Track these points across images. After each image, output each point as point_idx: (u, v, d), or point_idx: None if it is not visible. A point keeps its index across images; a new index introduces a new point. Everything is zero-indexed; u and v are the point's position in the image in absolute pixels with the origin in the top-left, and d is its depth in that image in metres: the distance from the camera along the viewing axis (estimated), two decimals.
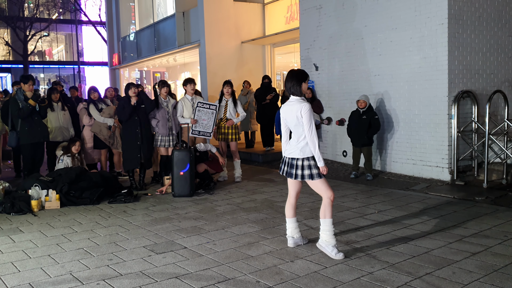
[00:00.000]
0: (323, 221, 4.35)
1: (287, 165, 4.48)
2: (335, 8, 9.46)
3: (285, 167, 4.50)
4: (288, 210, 4.65)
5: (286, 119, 4.49)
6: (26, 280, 3.92)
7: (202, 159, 7.56)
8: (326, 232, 4.34)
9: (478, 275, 3.84)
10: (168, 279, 3.88)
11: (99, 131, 8.24)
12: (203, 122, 7.87)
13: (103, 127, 8.24)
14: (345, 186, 7.66)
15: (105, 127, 8.24)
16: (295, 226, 4.66)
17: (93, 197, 6.71)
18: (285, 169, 4.50)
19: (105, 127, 8.24)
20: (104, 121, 8.25)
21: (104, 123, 8.25)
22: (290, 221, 4.65)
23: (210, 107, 7.87)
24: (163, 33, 16.94)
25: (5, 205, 6.26)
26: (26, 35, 31.51)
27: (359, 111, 8.24)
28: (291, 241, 4.64)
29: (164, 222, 5.69)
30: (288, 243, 4.65)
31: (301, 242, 4.68)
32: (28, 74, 8.23)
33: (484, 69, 7.92)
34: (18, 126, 7.57)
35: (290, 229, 4.66)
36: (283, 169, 4.54)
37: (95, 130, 8.27)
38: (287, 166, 4.47)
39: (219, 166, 7.71)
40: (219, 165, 7.69)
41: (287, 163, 4.47)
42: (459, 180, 7.46)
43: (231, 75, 12.74)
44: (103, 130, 8.23)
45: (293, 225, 4.64)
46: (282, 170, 4.57)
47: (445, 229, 5.12)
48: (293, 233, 4.66)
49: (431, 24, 7.60)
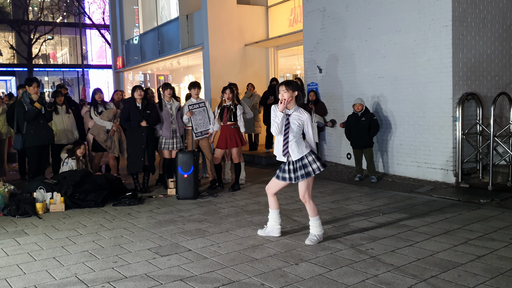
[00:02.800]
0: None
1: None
2: (338, 11, 9.46)
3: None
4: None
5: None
6: (31, 282, 3.93)
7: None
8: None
9: (484, 278, 3.82)
10: (172, 282, 3.88)
11: (97, 133, 8.20)
12: (200, 122, 7.88)
13: (101, 130, 8.20)
14: (350, 189, 7.65)
15: (103, 130, 8.21)
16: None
17: (98, 200, 6.72)
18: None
19: (103, 130, 8.22)
20: (102, 124, 8.22)
21: (102, 126, 8.25)
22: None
23: (199, 105, 7.89)
24: (167, 36, 16.98)
25: (10, 208, 6.29)
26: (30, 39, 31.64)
27: (357, 114, 8.26)
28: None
29: (169, 224, 5.70)
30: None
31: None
32: (33, 77, 8.25)
33: (488, 71, 7.90)
34: (24, 129, 7.60)
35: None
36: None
37: (93, 132, 8.24)
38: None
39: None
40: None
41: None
42: (464, 182, 7.44)
43: (234, 77, 12.75)
44: (100, 133, 8.19)
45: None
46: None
47: (450, 232, 5.10)
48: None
49: (435, 26, 7.60)
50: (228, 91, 7.68)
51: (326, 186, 7.94)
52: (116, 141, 8.29)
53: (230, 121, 7.65)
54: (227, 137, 7.64)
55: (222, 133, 7.79)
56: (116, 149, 8.31)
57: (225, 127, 7.68)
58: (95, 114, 8.28)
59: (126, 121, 7.56)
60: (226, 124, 7.66)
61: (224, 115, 7.66)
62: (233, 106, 7.69)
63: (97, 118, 8.25)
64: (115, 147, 8.30)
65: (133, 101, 7.59)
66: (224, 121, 7.66)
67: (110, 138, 8.22)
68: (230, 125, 7.65)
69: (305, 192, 4.79)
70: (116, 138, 8.29)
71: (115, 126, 8.23)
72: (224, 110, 7.69)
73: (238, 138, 7.70)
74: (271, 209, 5.07)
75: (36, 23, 31.97)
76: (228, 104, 7.69)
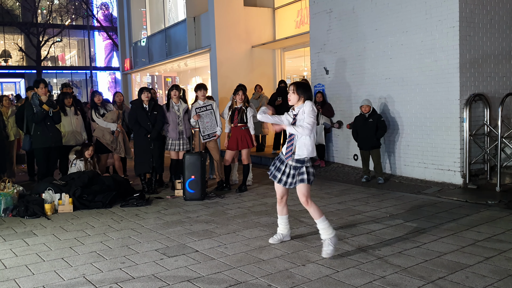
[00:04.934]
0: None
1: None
2: (345, 12, 9.46)
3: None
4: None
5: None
6: (40, 283, 3.97)
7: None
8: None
9: (492, 279, 3.80)
10: (180, 283, 3.90)
11: (102, 135, 8.24)
12: (207, 125, 7.90)
13: (105, 132, 8.24)
14: (357, 190, 7.64)
15: (108, 132, 8.26)
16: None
17: (106, 201, 6.77)
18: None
19: (108, 132, 8.27)
20: (107, 125, 8.26)
21: (107, 127, 8.28)
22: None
23: (206, 108, 7.90)
24: (174, 38, 17.05)
25: (19, 209, 6.35)
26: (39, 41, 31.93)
27: (364, 115, 8.25)
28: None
29: (176, 225, 5.72)
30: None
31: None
32: (40, 78, 8.32)
33: (496, 72, 7.86)
34: (32, 130, 7.68)
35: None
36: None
37: (98, 134, 8.28)
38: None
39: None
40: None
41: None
42: (471, 183, 7.40)
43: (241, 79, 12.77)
44: (105, 134, 8.23)
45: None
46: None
47: (458, 233, 5.08)
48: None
49: (442, 27, 7.57)
50: (241, 93, 7.71)
51: (333, 187, 7.94)
52: (121, 141, 8.34)
53: (240, 123, 7.68)
54: (238, 139, 7.67)
55: (233, 135, 7.80)
56: (122, 150, 8.36)
57: (236, 129, 7.71)
58: (96, 116, 8.32)
59: (135, 123, 7.62)
60: (237, 126, 7.69)
61: (235, 116, 7.69)
62: (244, 108, 7.73)
63: (100, 120, 8.29)
64: (120, 148, 8.35)
65: (140, 103, 7.65)
66: (235, 123, 7.69)
67: (115, 139, 8.29)
68: (241, 127, 7.68)
69: (305, 196, 4.56)
70: (121, 138, 8.35)
71: (118, 126, 8.29)
72: (235, 112, 7.73)
73: (248, 139, 7.72)
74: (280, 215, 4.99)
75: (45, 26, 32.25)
76: (239, 106, 7.72)
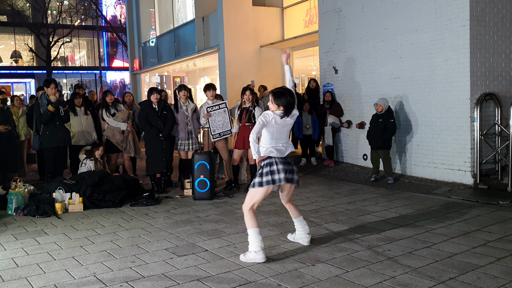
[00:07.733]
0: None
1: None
2: (354, 11, 9.43)
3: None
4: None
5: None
6: (51, 281, 4.00)
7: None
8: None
9: (504, 280, 3.77)
10: (189, 282, 3.91)
11: (112, 135, 8.28)
12: (219, 124, 7.90)
13: (116, 131, 8.28)
14: (366, 190, 7.61)
15: (118, 131, 8.30)
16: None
17: (116, 200, 6.80)
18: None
19: (118, 131, 8.31)
20: (117, 125, 8.30)
21: (117, 127, 8.32)
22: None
23: (219, 106, 7.88)
24: (183, 38, 17.11)
25: (30, 208, 6.40)
26: (49, 42, 32.17)
27: (377, 114, 8.21)
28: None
29: (185, 224, 5.74)
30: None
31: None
32: (50, 78, 8.38)
33: (507, 71, 7.79)
34: (41, 130, 7.74)
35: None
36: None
37: (108, 134, 8.32)
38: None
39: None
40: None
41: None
42: (482, 183, 7.34)
43: (250, 79, 12.79)
44: (116, 134, 8.27)
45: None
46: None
47: (469, 233, 5.05)
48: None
49: (453, 26, 7.52)
50: (248, 92, 7.70)
51: (342, 187, 7.91)
52: (131, 141, 8.38)
53: (248, 122, 7.68)
54: (245, 138, 7.67)
55: (240, 134, 7.81)
56: (131, 149, 8.39)
57: (243, 128, 7.71)
58: (107, 116, 8.37)
59: (146, 123, 7.65)
60: (244, 125, 7.70)
61: (243, 116, 7.71)
62: (252, 108, 7.73)
63: (110, 119, 8.34)
64: (130, 147, 8.39)
65: (149, 104, 7.69)
66: (243, 123, 7.70)
67: (125, 138, 8.32)
68: (248, 126, 7.67)
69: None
70: (131, 138, 8.39)
71: (128, 126, 8.33)
72: (243, 112, 7.74)
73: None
74: (294, 219, 4.91)
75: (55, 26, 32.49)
76: (248, 106, 7.73)
